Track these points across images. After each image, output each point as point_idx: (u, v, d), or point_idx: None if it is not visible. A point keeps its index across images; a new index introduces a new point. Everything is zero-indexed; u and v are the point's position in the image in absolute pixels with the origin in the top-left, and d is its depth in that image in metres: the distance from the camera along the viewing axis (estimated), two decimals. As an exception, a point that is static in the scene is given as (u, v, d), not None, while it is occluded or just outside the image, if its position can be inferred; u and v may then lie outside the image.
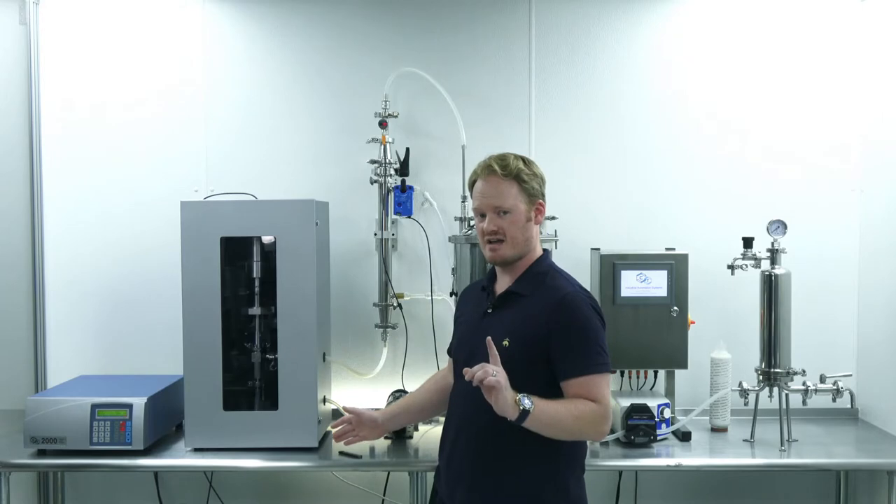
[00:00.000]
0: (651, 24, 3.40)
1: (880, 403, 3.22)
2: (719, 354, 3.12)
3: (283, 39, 3.42)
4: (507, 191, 2.23)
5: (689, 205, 3.40)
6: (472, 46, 3.41)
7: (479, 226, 2.28)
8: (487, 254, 2.28)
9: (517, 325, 2.22)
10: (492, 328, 2.22)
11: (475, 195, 2.30)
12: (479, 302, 2.38)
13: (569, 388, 2.16)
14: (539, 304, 2.22)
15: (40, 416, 2.83)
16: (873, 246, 3.28)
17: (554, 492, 2.20)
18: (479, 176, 2.29)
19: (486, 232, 2.24)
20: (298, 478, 3.46)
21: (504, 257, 2.25)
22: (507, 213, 2.23)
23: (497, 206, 2.23)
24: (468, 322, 2.39)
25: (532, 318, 2.20)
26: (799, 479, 3.37)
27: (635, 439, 2.88)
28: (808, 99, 3.38)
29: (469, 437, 2.26)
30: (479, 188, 2.28)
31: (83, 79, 3.42)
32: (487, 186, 2.25)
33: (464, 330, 2.41)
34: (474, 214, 2.35)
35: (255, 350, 2.99)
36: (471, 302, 2.45)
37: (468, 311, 2.43)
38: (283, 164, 3.42)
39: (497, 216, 2.23)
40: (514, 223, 2.23)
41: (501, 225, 2.23)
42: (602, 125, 3.41)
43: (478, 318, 2.33)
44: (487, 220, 2.24)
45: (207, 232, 2.85)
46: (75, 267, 3.43)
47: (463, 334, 2.41)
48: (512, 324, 2.23)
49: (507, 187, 2.23)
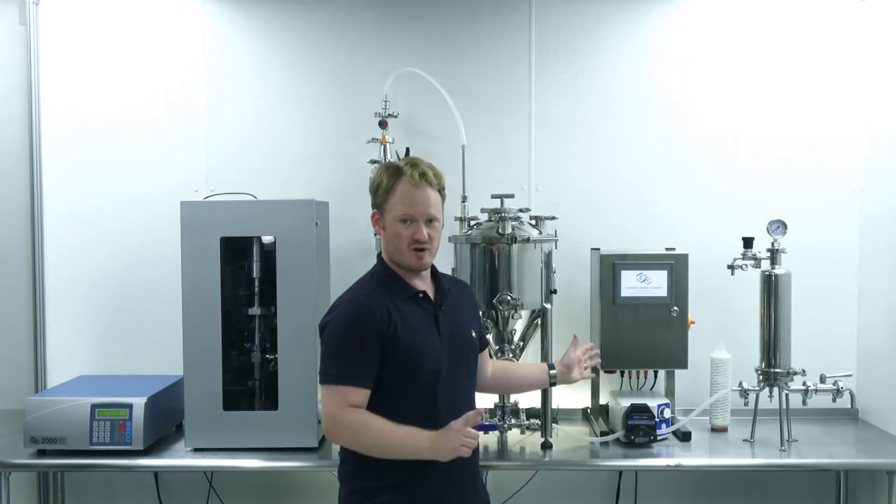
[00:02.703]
0: (651, 23, 3.40)
1: (880, 403, 3.21)
2: (719, 354, 3.12)
3: (283, 39, 3.42)
4: (436, 201, 2.29)
5: (689, 205, 3.40)
6: (472, 46, 3.41)
7: (406, 232, 2.24)
8: (412, 260, 2.26)
9: (470, 317, 2.44)
10: (453, 327, 2.34)
11: (402, 200, 2.24)
12: (411, 310, 2.27)
13: (484, 355, 2.56)
14: (461, 294, 2.46)
15: (40, 416, 2.83)
16: (873, 246, 3.28)
17: None
18: (408, 181, 2.24)
19: (420, 240, 2.24)
20: (298, 478, 3.46)
21: (427, 265, 2.32)
22: (435, 223, 2.28)
23: (430, 215, 2.26)
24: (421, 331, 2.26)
25: (468, 307, 2.47)
26: (799, 479, 3.37)
27: (635, 439, 2.88)
28: (808, 99, 3.38)
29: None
30: (410, 194, 2.24)
31: (83, 79, 3.42)
32: (421, 194, 2.25)
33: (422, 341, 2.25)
34: (393, 218, 2.26)
35: (255, 350, 2.99)
36: (395, 313, 2.23)
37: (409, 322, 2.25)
38: (283, 164, 3.42)
39: (427, 225, 2.26)
40: (438, 231, 2.31)
41: (430, 233, 2.27)
42: (602, 125, 3.41)
43: (428, 323, 2.28)
44: (421, 228, 2.24)
45: (207, 232, 2.85)
46: (75, 267, 3.43)
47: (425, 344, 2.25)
48: (466, 317, 2.42)
49: (436, 197, 2.28)
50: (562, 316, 3.06)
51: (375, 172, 2.39)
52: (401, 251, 2.27)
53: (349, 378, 2.17)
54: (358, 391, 2.17)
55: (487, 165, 3.35)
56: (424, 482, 2.22)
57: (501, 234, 2.87)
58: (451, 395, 2.27)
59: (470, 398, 2.38)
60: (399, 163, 2.33)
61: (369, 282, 2.32)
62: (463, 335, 2.37)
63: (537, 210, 3.24)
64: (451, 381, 2.28)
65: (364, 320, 2.19)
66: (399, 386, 2.20)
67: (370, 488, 2.23)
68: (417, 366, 2.22)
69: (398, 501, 2.23)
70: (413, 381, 2.22)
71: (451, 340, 2.31)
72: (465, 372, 2.37)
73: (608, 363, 3.09)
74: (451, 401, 2.26)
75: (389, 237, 2.28)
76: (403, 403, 2.20)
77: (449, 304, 2.36)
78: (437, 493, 2.24)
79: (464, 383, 2.36)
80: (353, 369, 2.18)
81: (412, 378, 2.22)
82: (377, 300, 2.23)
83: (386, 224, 2.29)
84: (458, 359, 2.32)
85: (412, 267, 2.29)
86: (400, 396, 2.21)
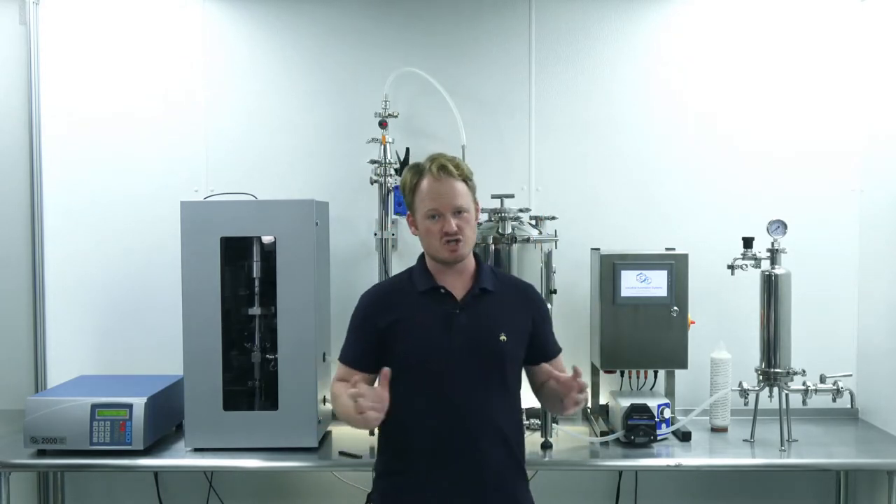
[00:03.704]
0: (651, 23, 3.40)
1: (880, 403, 3.22)
2: (719, 354, 3.12)
3: (283, 39, 3.42)
4: (462, 191, 2.26)
5: (689, 205, 3.40)
6: (472, 46, 3.41)
7: (435, 227, 2.24)
8: (446, 254, 2.24)
9: (506, 320, 2.29)
10: (474, 327, 2.25)
11: (428, 195, 2.24)
12: (423, 304, 2.27)
13: (545, 368, 2.36)
14: (511, 298, 2.35)
15: (40, 416, 2.83)
16: (873, 246, 3.28)
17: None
18: (430, 176, 2.25)
19: (449, 232, 2.23)
20: (298, 478, 3.46)
21: (463, 256, 2.28)
22: (464, 213, 2.25)
23: (457, 207, 2.24)
24: (426, 326, 2.25)
25: (516, 312, 2.33)
26: (799, 479, 3.38)
27: (635, 439, 2.88)
28: (807, 99, 3.38)
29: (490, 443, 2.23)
30: (434, 188, 2.24)
31: (83, 79, 3.43)
32: (444, 187, 2.24)
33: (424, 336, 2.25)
34: (422, 215, 2.26)
35: (255, 350, 2.99)
36: (403, 306, 2.28)
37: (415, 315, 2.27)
38: (283, 163, 3.42)
39: (455, 216, 2.24)
40: (469, 222, 2.27)
41: (460, 224, 2.24)
42: (602, 124, 3.41)
43: (441, 320, 2.25)
44: (448, 220, 2.23)
45: (207, 232, 2.85)
46: (75, 267, 3.43)
47: (427, 340, 2.24)
48: (500, 319, 2.28)
49: (461, 187, 2.26)
50: (562, 316, 3.05)
51: (402, 175, 2.38)
52: (434, 246, 2.26)
53: (343, 355, 2.36)
54: (347, 369, 2.32)
55: (487, 165, 3.34)
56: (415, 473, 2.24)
57: (501, 234, 2.88)
58: (463, 396, 2.20)
59: (488, 403, 2.23)
60: (421, 161, 2.32)
61: (400, 273, 2.42)
62: (485, 337, 2.25)
63: (537, 210, 3.24)
64: (463, 382, 2.21)
65: (364, 307, 2.35)
66: (401, 376, 2.18)
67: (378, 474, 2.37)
68: (413, 359, 2.22)
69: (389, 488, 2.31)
70: (412, 373, 2.21)
71: (468, 341, 2.23)
72: (483, 375, 2.24)
73: (608, 363, 3.10)
74: (463, 401, 2.20)
75: (422, 235, 2.29)
76: (408, 394, 2.20)
77: (479, 305, 2.28)
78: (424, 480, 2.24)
79: (479, 386, 2.23)
80: (347, 348, 2.35)
81: (410, 369, 2.21)
82: (388, 291, 2.36)
83: (417, 222, 2.30)
84: (472, 360, 2.22)
85: (447, 259, 2.26)
86: (404, 387, 2.19)
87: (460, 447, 2.22)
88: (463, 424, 2.21)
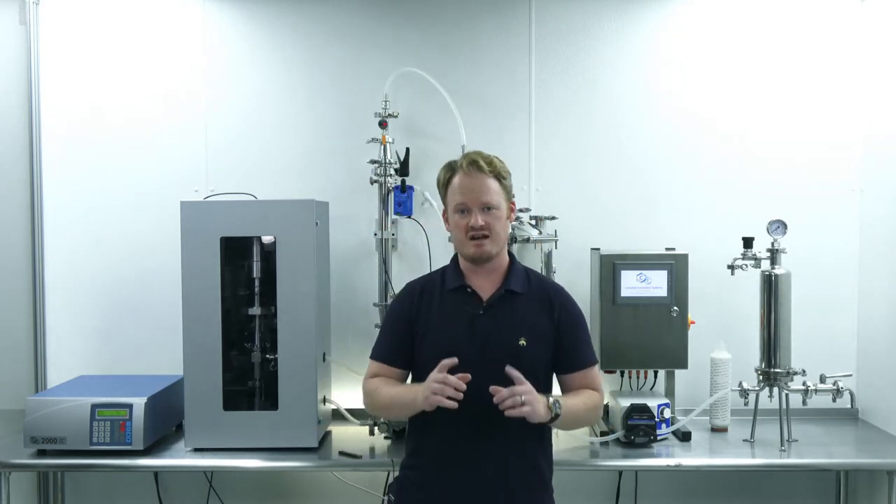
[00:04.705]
0: (651, 23, 3.40)
1: (880, 403, 3.22)
2: (719, 354, 3.12)
3: (283, 39, 3.42)
4: (492, 187, 2.24)
5: (689, 205, 3.40)
6: (472, 46, 3.41)
7: (462, 222, 2.24)
8: (471, 250, 2.24)
9: (528, 324, 2.25)
10: (495, 330, 2.23)
11: (457, 190, 2.25)
12: (450, 303, 2.28)
13: (574, 379, 2.31)
14: (537, 301, 2.29)
15: (40, 416, 2.83)
16: (873, 246, 3.28)
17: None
18: (461, 171, 2.26)
19: (475, 227, 2.22)
20: (298, 478, 3.46)
21: (489, 253, 2.25)
22: (493, 210, 2.24)
23: (484, 202, 2.23)
24: (449, 326, 2.26)
25: (539, 316, 2.28)
26: (799, 479, 3.37)
27: (635, 439, 2.88)
28: (807, 99, 3.38)
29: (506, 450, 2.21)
30: (463, 183, 2.25)
31: (83, 79, 3.42)
32: (473, 182, 2.23)
33: (447, 336, 2.25)
34: (451, 210, 2.28)
35: (255, 350, 2.99)
36: (431, 304, 2.29)
37: (440, 314, 2.28)
38: (283, 164, 3.42)
39: (483, 212, 2.23)
40: (499, 219, 2.25)
41: (488, 220, 2.23)
42: (602, 124, 3.41)
43: (465, 320, 2.25)
44: (475, 215, 2.22)
45: (207, 232, 2.85)
46: (75, 267, 3.43)
47: (450, 340, 2.23)
48: (521, 323, 2.25)
49: (492, 184, 2.24)
50: (562, 316, 3.06)
51: (439, 171, 2.37)
52: (461, 242, 2.27)
53: (376, 353, 2.36)
54: (381, 365, 2.33)
55: (487, 165, 3.34)
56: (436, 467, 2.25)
57: (501, 234, 2.87)
58: (480, 398, 2.09)
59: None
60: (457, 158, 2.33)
61: (437, 270, 2.42)
62: (504, 340, 2.22)
63: (537, 210, 3.24)
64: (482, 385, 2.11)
65: (398, 304, 2.37)
66: (424, 374, 2.16)
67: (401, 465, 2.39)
68: (435, 358, 2.16)
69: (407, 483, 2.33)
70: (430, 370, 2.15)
71: (489, 343, 2.21)
72: (502, 379, 2.13)
73: (608, 363, 3.09)
74: (480, 403, 2.10)
75: (452, 230, 2.30)
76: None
77: (503, 307, 2.25)
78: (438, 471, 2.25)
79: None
80: (380, 346, 2.36)
81: (429, 366, 2.16)
82: (420, 288, 2.35)
83: (449, 218, 2.30)
84: (491, 363, 2.14)
85: (472, 256, 2.25)
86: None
87: (475, 452, 2.21)
88: (480, 428, 2.19)
